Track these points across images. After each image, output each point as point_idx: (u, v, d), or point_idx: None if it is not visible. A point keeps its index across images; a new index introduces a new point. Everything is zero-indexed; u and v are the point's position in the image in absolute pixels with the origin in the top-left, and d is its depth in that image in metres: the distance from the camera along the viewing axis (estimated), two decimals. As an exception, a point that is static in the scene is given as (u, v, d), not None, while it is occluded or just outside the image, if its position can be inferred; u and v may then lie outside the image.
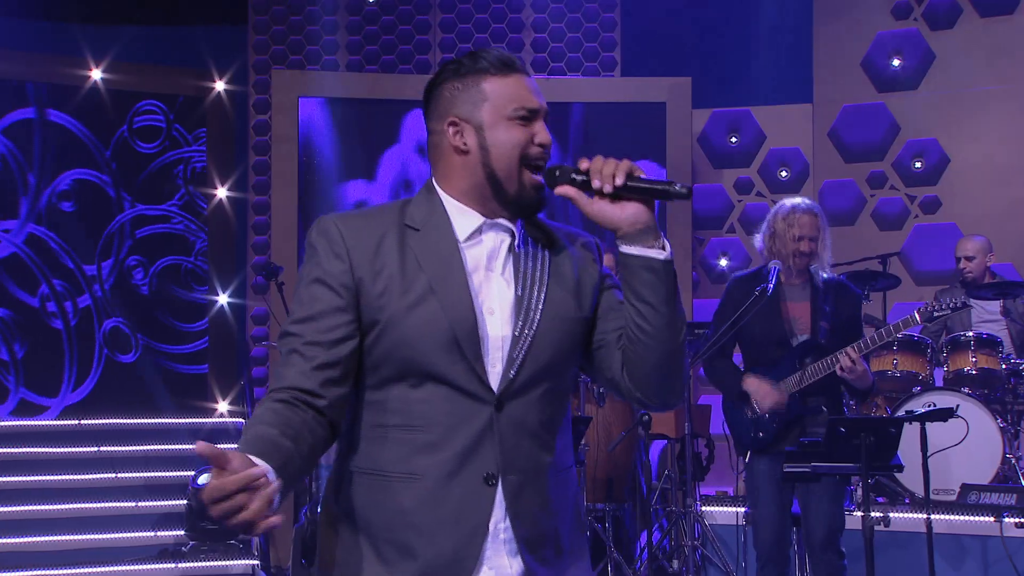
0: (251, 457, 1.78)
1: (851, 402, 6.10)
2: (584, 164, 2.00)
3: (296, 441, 1.89)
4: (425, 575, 1.97)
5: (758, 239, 4.87)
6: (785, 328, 4.66)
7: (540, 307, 2.03)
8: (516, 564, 2.00)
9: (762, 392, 4.63)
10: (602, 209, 1.99)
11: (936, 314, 4.61)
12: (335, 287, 2.01)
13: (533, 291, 2.04)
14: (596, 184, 1.98)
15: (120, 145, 7.95)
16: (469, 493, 1.97)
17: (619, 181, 1.96)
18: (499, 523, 1.99)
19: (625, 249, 2.00)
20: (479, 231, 2.06)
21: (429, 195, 2.10)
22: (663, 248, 1.99)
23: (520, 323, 2.01)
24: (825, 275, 4.74)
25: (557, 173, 2.03)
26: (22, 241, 7.69)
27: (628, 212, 1.98)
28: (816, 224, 4.68)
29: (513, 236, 2.08)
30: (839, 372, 4.50)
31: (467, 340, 1.98)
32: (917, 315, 4.62)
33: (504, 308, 2.03)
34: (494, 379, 1.99)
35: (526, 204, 2.06)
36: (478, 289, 2.02)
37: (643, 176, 1.98)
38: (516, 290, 2.04)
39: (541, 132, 2.05)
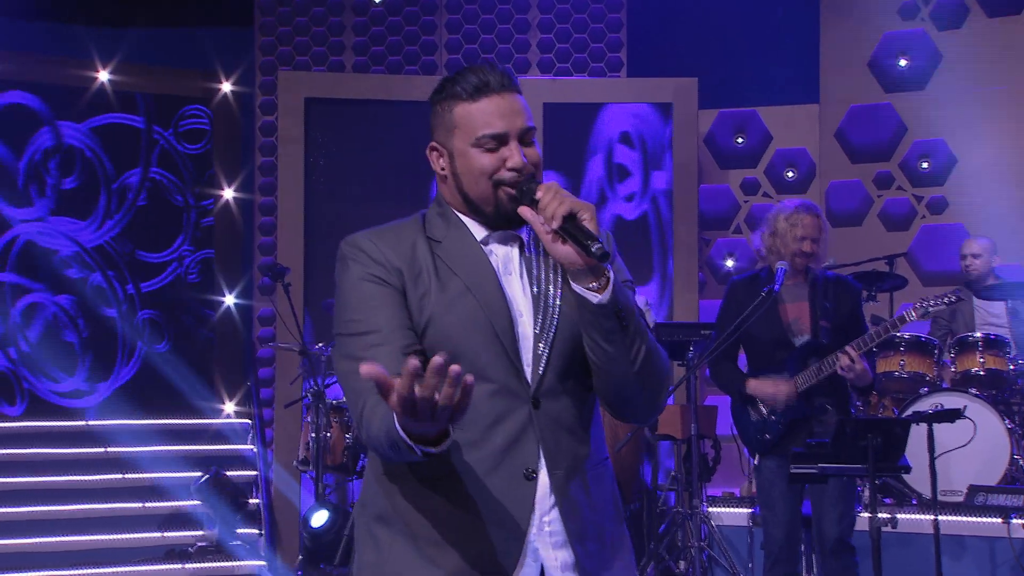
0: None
1: (858, 403, 6.09)
2: (539, 193, 1.99)
3: None
4: (468, 571, 1.99)
5: (755, 238, 4.87)
6: (785, 329, 4.67)
7: (557, 305, 2.06)
8: (561, 556, 2.03)
9: (769, 391, 4.62)
10: (548, 241, 1.99)
11: (931, 309, 4.61)
12: (385, 284, 2.04)
13: (549, 290, 2.08)
14: (541, 219, 1.98)
15: (169, 145, 8.12)
16: (509, 488, 2.00)
17: (555, 225, 1.96)
18: (544, 516, 2.02)
19: (571, 283, 2.01)
20: (486, 242, 2.11)
21: (441, 208, 2.14)
22: (600, 291, 1.97)
23: (541, 321, 2.05)
24: (821, 272, 4.75)
25: (524, 189, 2.03)
26: (99, 236, 7.89)
27: (565, 252, 1.98)
28: (819, 225, 4.70)
29: (522, 242, 2.12)
30: (839, 371, 4.50)
31: (506, 336, 2.02)
32: (913, 312, 4.61)
33: (527, 310, 2.06)
34: (529, 377, 2.03)
35: (510, 219, 2.07)
36: (506, 291, 2.07)
37: (585, 221, 1.95)
38: (532, 290, 2.07)
39: (513, 156, 2.04)
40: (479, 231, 2.11)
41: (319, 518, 6.01)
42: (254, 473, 7.36)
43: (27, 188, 7.73)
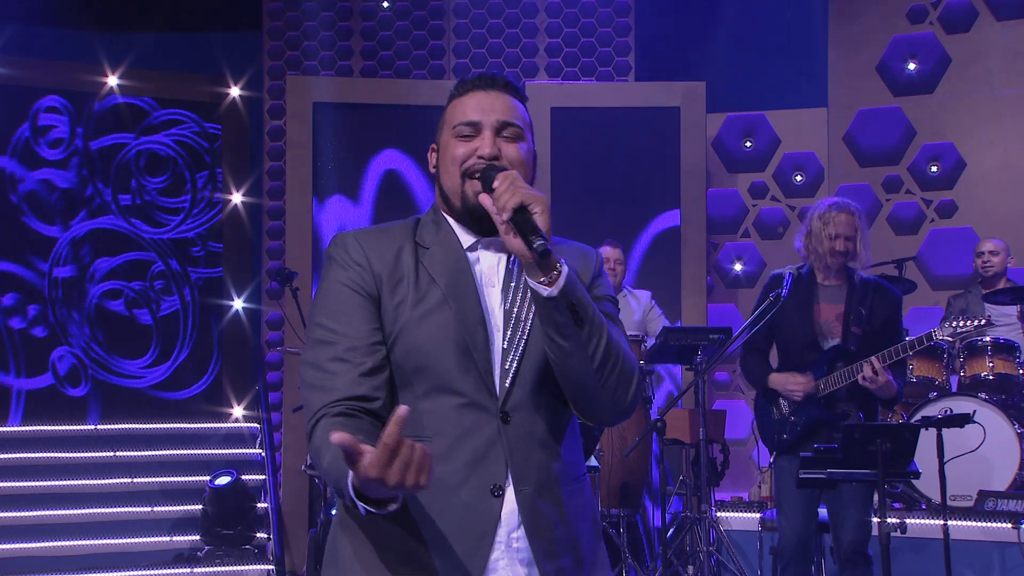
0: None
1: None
2: (496, 182, 1.97)
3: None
4: None
5: (796, 239, 4.83)
6: (816, 331, 4.62)
7: (530, 319, 2.04)
8: (528, 574, 2.00)
9: (789, 384, 4.60)
10: (503, 231, 1.95)
11: (960, 330, 4.51)
12: (361, 292, 2.04)
13: (524, 304, 2.06)
14: (495, 208, 1.95)
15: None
16: (474, 504, 1.98)
17: (505, 216, 1.92)
18: (512, 533, 1.99)
19: (525, 276, 1.98)
20: (474, 248, 2.10)
21: (435, 215, 2.14)
22: (549, 285, 1.93)
23: (510, 335, 2.03)
24: (864, 276, 4.69)
25: (486, 176, 2.01)
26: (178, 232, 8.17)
27: (517, 244, 1.93)
28: (853, 223, 4.63)
29: (508, 252, 2.09)
30: (860, 381, 4.45)
31: (478, 350, 2.00)
32: (938, 333, 4.52)
33: (501, 323, 2.05)
34: (499, 391, 2.01)
35: (478, 216, 2.05)
36: (485, 303, 2.05)
37: (536, 215, 1.91)
38: (506, 304, 2.06)
39: (484, 144, 2.05)
40: (467, 238, 2.10)
41: None
42: (262, 477, 7.37)
43: (116, 185, 7.93)
